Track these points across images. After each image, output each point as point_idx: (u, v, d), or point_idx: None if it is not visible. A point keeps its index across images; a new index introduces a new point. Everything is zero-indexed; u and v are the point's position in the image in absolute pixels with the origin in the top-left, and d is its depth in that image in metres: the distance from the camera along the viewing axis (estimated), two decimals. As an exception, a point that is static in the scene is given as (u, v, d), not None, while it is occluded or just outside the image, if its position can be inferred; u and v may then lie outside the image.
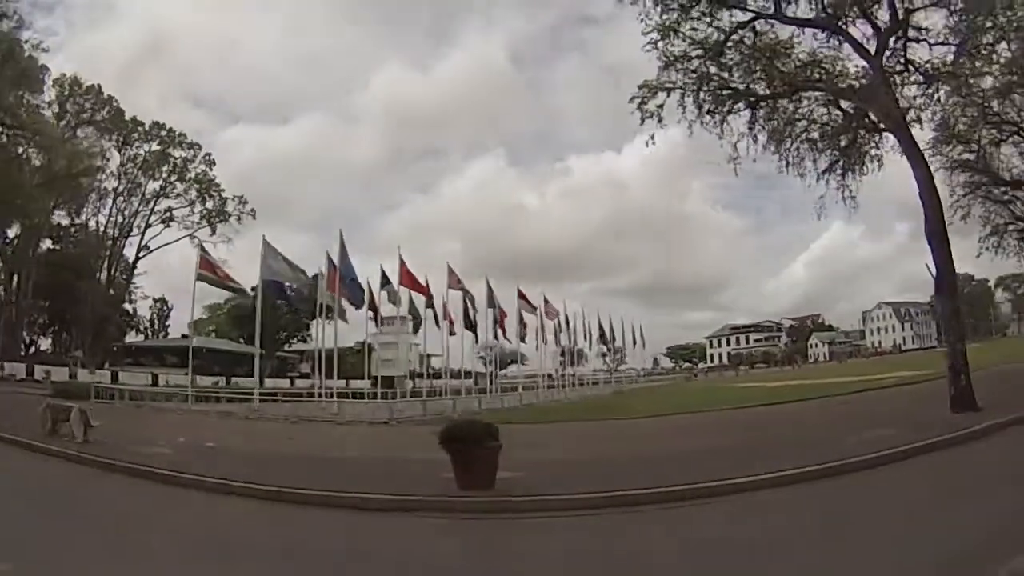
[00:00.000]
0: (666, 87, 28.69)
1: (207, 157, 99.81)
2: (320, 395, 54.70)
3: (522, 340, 74.03)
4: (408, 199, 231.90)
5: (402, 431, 35.90)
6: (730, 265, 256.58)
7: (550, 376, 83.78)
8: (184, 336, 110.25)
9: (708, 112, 29.14)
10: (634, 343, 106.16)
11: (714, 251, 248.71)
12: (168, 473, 17.63)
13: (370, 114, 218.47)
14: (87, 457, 20.02)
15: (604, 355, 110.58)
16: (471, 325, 64.27)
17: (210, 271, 50.60)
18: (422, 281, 57.81)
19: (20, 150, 50.16)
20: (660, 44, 28.33)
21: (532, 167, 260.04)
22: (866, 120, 29.38)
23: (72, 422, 23.00)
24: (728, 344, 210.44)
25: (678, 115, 28.83)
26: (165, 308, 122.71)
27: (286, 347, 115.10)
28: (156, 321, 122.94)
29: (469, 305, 63.51)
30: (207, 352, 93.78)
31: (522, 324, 72.46)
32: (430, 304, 60.05)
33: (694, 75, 28.81)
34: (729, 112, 29.55)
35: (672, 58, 28.56)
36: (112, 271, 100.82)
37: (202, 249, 52.65)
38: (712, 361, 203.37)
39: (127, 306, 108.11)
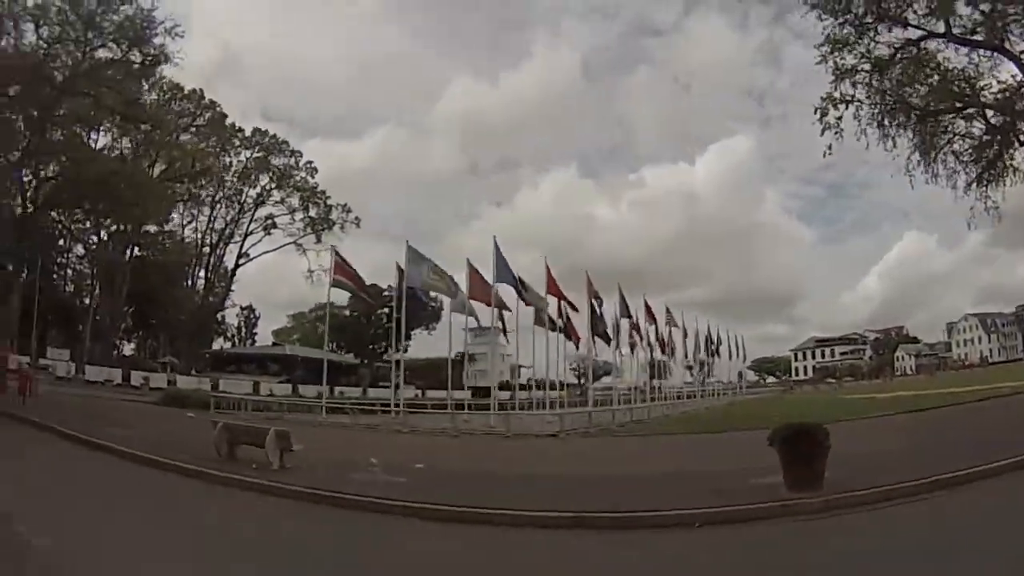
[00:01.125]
0: (845, 100, 29.22)
1: (308, 165, 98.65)
2: (448, 407, 52.05)
3: (631, 350, 71.16)
4: (484, 211, 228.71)
5: (591, 444, 34.81)
6: (804, 276, 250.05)
7: (639, 389, 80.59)
8: (275, 344, 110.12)
9: (879, 125, 29.91)
10: (721, 355, 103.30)
11: (788, 262, 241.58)
12: (435, 507, 14.72)
13: (443, 127, 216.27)
14: (287, 487, 16.81)
15: (691, 368, 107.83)
16: (599, 333, 60.60)
17: (346, 277, 49.59)
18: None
19: (141, 149, 47.50)
20: (830, 57, 29.22)
21: (605, 178, 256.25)
22: (1015, 133, 29.64)
23: (268, 446, 19.56)
24: (813, 357, 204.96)
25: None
26: (252, 316, 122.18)
27: (385, 357, 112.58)
28: (244, 329, 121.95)
29: (597, 311, 59.98)
30: (302, 360, 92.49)
31: (632, 333, 69.51)
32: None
33: (870, 88, 29.60)
34: (899, 125, 30.18)
35: (843, 71, 29.29)
36: (210, 277, 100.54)
37: (338, 255, 50.50)
38: (797, 374, 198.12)
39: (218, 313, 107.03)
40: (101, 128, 48.97)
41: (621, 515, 13.70)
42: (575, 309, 57.32)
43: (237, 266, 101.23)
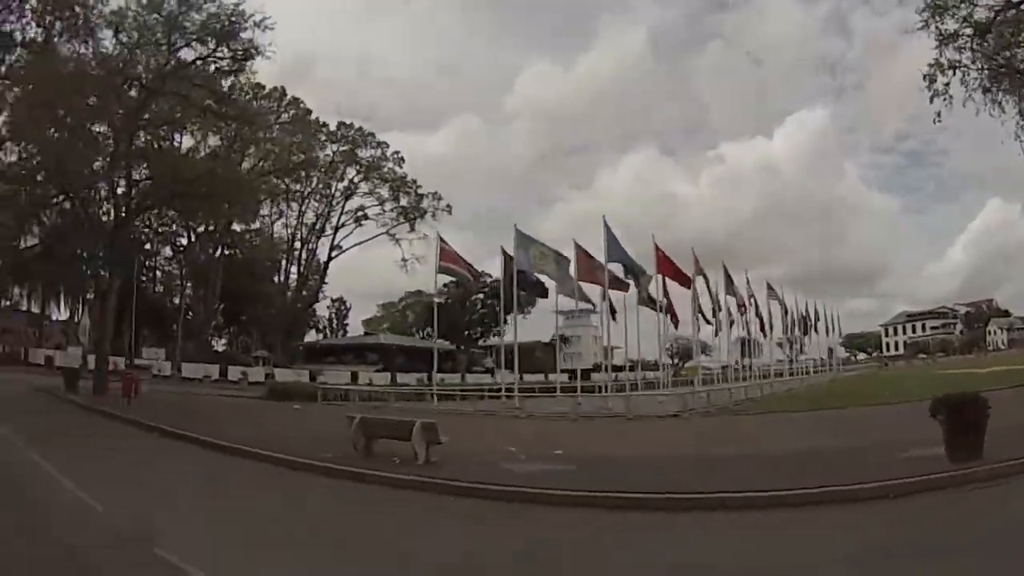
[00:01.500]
0: (953, 65, 28.45)
1: (395, 155, 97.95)
2: (557, 390, 52.05)
3: (729, 328, 69.70)
4: (564, 195, 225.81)
5: (715, 423, 33.75)
6: (888, 249, 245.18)
7: (731, 368, 78.13)
8: (368, 333, 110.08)
9: (985, 91, 28.81)
10: (818, 331, 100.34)
11: (870, 235, 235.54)
12: (620, 496, 13.89)
13: (519, 114, 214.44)
14: (449, 483, 15.62)
15: (781, 345, 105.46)
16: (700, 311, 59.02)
17: (452, 262, 49.50)
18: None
19: (235, 145, 46.12)
20: (932, 22, 28.37)
21: (684, 156, 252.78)
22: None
23: (414, 440, 18.30)
24: (904, 332, 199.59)
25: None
26: (343, 308, 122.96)
27: (480, 343, 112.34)
28: (335, 320, 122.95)
29: (708, 289, 59.46)
30: (397, 349, 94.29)
31: (732, 311, 68.52)
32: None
33: (974, 53, 28.58)
34: (1005, 91, 29.10)
35: (946, 36, 28.46)
36: (303, 271, 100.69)
37: (443, 242, 49.91)
38: (887, 350, 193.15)
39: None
40: (188, 129, 47.44)
41: (813, 491, 13.46)
42: (687, 286, 55.41)
43: (330, 259, 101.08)
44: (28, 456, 18.42)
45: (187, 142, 50.56)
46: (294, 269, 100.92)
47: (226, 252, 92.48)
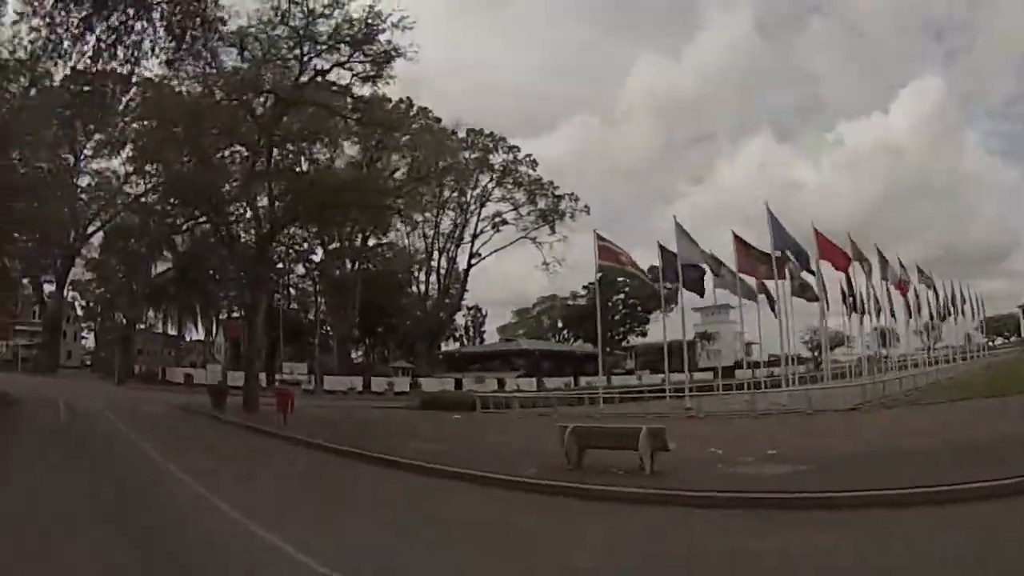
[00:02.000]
0: None
1: (528, 158, 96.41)
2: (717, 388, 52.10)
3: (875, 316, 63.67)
4: (684, 190, 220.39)
5: (898, 414, 32.35)
6: (1018, 224, 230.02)
7: (870, 358, 73.70)
8: (508, 340, 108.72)
9: None
10: (964, 315, 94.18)
11: (998, 209, 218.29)
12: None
13: (632, 110, 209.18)
14: (695, 495, 13.84)
15: (919, 333, 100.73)
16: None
17: (612, 260, 46.91)
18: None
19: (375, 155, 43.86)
20: None
21: (800, 140, 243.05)
22: None
23: (641, 448, 16.23)
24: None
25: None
26: (480, 315, 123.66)
27: (624, 343, 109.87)
28: (471, 328, 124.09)
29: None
30: (539, 354, 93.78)
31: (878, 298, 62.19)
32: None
33: None
34: None
35: None
36: (442, 281, 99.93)
37: (600, 238, 46.51)
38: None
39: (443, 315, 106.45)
40: (324, 141, 45.37)
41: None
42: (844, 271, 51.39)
43: (470, 266, 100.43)
44: (193, 488, 15.67)
45: (323, 155, 48.37)
46: (433, 279, 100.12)
47: (361, 266, 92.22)
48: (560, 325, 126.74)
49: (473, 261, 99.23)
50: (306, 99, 39.74)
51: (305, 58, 38.55)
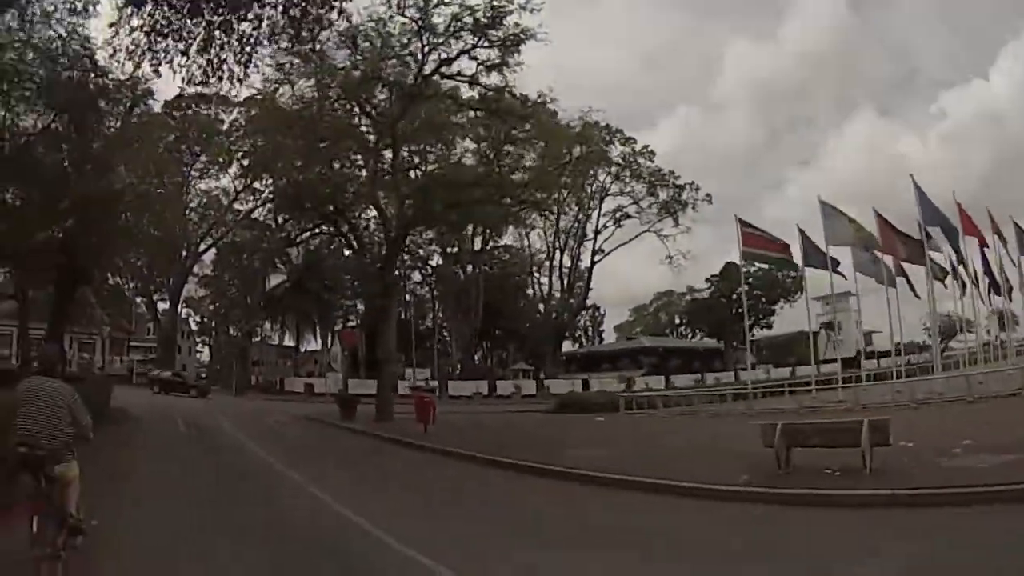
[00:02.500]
0: None
1: (646, 149, 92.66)
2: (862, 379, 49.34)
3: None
4: (791, 174, 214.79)
5: None
6: None
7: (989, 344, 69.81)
8: (630, 338, 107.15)
9: None
10: None
11: None
12: None
13: (731, 98, 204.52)
14: (941, 493, 12.35)
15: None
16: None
17: (757, 246, 44.71)
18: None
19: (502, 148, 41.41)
20: None
21: (903, 113, 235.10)
22: None
23: (863, 445, 14.40)
24: None
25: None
26: (597, 314, 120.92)
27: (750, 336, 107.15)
28: (591, 328, 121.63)
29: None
30: (664, 351, 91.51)
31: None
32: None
33: None
34: None
35: None
36: (569, 279, 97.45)
37: (743, 224, 44.35)
38: None
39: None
40: (448, 136, 43.52)
41: None
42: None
43: (593, 264, 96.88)
44: (339, 512, 13.41)
45: (448, 151, 46.32)
46: (554, 278, 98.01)
47: (480, 269, 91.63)
48: (678, 321, 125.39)
49: (596, 258, 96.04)
50: (430, 92, 37.99)
51: (426, 49, 36.49)
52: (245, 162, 74.67)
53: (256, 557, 10.01)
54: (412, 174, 42.64)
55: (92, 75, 29.91)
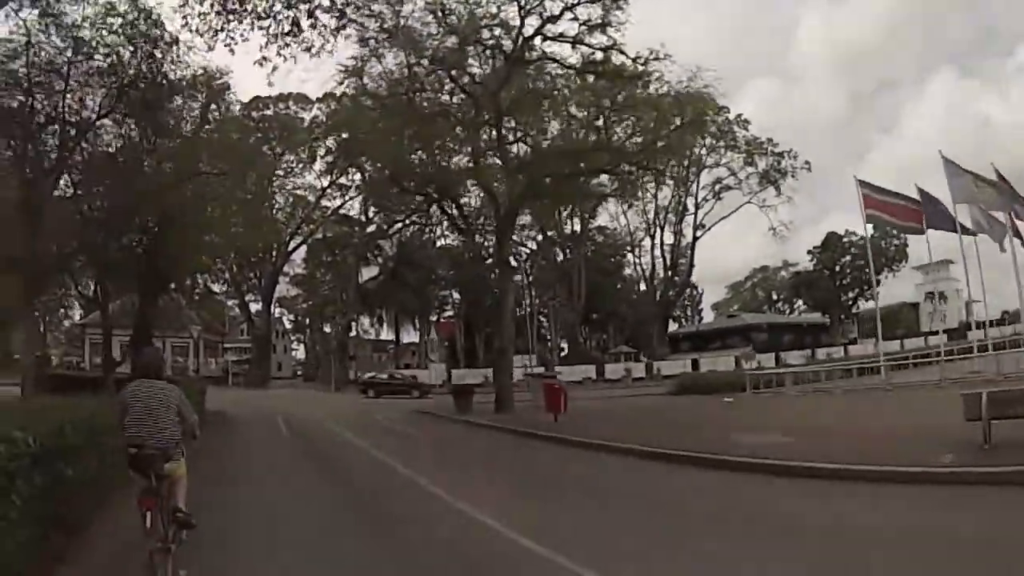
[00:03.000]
0: None
1: (739, 118, 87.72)
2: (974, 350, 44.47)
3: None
4: (874, 141, 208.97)
5: None
6: None
7: None
8: (730, 315, 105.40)
9: None
10: None
11: None
12: None
13: (809, 67, 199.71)
14: None
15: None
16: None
17: (882, 210, 41.22)
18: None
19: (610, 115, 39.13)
20: None
21: (985, 72, 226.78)
22: None
23: None
24: None
25: None
26: (695, 293, 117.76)
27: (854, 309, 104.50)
28: (689, 307, 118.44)
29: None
30: (768, 328, 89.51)
31: None
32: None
33: None
34: None
35: None
36: (672, 258, 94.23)
37: (866, 186, 41.04)
38: None
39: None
40: (553, 100, 41.19)
41: None
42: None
43: (695, 239, 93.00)
44: (483, 522, 11.22)
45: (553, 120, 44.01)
46: (648, 259, 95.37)
47: (581, 251, 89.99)
48: (775, 297, 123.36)
49: (698, 233, 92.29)
50: (533, 56, 35.66)
51: (524, 9, 34.15)
52: (329, 158, 74.77)
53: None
54: (517, 148, 40.25)
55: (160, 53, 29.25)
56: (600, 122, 36.90)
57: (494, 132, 37.76)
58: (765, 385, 39.90)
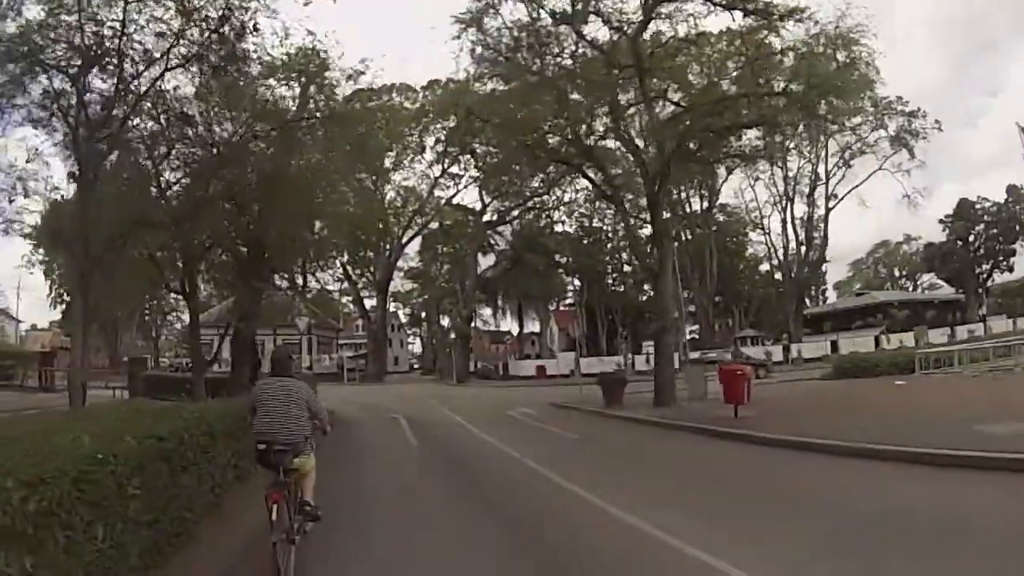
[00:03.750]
0: None
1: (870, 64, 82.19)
2: None
3: None
4: (982, 105, 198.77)
5: None
6: None
7: None
8: (859, 294, 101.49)
9: None
10: None
11: None
12: None
13: (909, 31, 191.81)
14: None
15: None
16: None
17: None
18: None
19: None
20: None
21: None
22: None
23: None
24: None
25: None
26: (819, 272, 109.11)
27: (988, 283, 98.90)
28: (813, 287, 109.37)
29: None
30: (900, 305, 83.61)
31: None
32: None
33: None
34: None
35: None
36: (802, 232, 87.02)
37: None
38: None
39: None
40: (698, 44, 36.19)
41: None
42: None
43: (828, 211, 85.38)
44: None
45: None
46: (772, 236, 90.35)
47: (710, 229, 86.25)
48: (897, 273, 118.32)
49: (831, 204, 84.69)
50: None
51: None
52: (439, 147, 72.13)
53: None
54: (662, 105, 34.91)
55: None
56: (749, 70, 31.88)
57: (632, 91, 33.59)
58: (934, 365, 36.15)
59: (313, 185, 30.63)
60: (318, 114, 30.21)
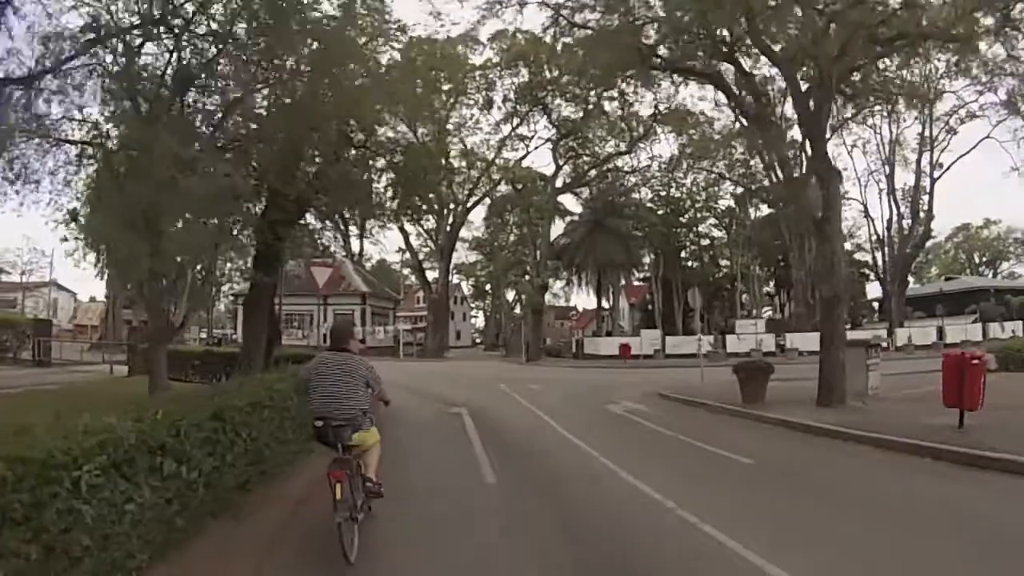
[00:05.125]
0: None
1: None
2: None
3: None
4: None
5: None
6: None
7: None
8: (948, 279, 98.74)
9: None
10: None
11: None
12: None
13: None
14: None
15: None
16: None
17: None
18: None
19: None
20: None
21: None
22: None
23: None
24: None
25: None
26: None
27: None
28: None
29: None
30: (995, 292, 79.99)
31: None
32: None
33: None
34: None
35: None
36: (906, 205, 76.92)
37: None
38: None
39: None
40: None
41: None
42: None
43: (933, 181, 74.99)
44: None
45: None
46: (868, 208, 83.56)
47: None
48: (977, 259, 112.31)
49: (936, 174, 74.17)
50: None
51: None
52: (508, 105, 64.87)
53: None
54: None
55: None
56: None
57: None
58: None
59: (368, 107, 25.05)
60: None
